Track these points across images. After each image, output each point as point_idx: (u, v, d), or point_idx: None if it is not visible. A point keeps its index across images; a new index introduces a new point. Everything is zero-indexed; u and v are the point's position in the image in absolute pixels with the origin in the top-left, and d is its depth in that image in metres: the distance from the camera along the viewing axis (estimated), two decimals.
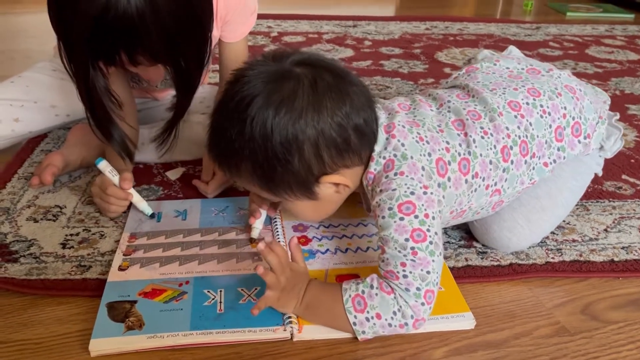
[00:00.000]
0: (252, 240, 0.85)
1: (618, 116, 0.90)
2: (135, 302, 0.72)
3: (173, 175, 1.05)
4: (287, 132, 0.64)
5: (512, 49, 1.00)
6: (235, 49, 1.06)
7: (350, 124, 0.67)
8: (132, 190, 0.89)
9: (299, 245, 0.75)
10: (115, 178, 0.87)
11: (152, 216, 0.89)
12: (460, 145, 0.74)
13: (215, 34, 1.05)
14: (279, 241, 0.84)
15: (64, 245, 0.84)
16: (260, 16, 2.27)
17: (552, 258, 0.85)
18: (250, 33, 2.05)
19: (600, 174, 0.92)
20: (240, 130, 0.65)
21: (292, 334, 0.68)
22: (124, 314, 0.69)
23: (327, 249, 0.84)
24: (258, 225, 0.84)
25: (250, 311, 0.68)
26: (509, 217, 0.83)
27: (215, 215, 0.92)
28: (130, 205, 0.93)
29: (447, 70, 1.71)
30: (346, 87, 0.68)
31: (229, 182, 0.99)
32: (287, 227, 0.89)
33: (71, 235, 0.86)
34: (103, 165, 0.87)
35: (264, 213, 0.84)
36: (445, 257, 0.84)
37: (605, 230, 0.93)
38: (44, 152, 1.12)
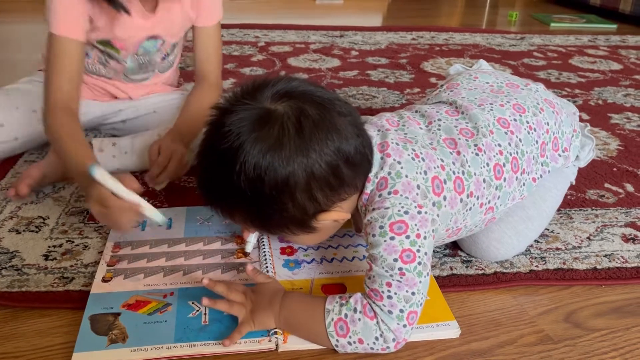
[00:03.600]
0: (246, 255, 0.84)
1: (589, 127, 0.92)
2: (118, 314, 0.71)
3: (158, 185, 1.04)
4: (277, 181, 0.62)
5: (482, 62, 1.03)
6: (208, 35, 1.10)
7: (341, 158, 0.64)
8: (139, 198, 0.74)
9: (256, 269, 0.74)
10: (119, 185, 0.72)
11: (168, 226, 0.79)
12: (453, 163, 0.73)
13: (191, 14, 1.08)
14: (264, 251, 0.84)
15: (46, 257, 0.83)
16: (248, 26, 2.30)
17: (536, 266, 0.86)
18: (238, 43, 2.07)
19: (573, 182, 0.94)
20: (229, 182, 0.63)
21: (277, 345, 0.68)
22: (107, 326, 0.69)
23: (313, 259, 0.84)
24: (252, 239, 0.84)
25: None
26: (497, 229, 0.84)
27: (201, 224, 0.92)
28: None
29: (433, 80, 1.73)
30: (333, 118, 0.64)
31: (178, 152, 0.96)
32: (273, 237, 0.89)
33: (54, 246, 0.85)
34: (100, 175, 0.70)
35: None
36: (430, 266, 0.84)
37: (588, 238, 0.94)
38: (27, 162, 1.10)
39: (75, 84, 0.94)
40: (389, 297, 0.64)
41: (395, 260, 0.65)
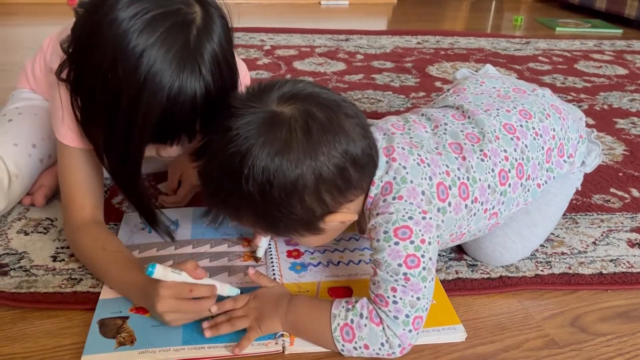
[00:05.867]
0: (257, 260, 0.84)
1: (595, 133, 0.92)
2: (127, 318, 0.71)
3: (164, 187, 1.05)
4: (285, 184, 0.62)
5: (488, 67, 1.03)
6: None
7: (349, 160, 0.64)
8: (212, 280, 0.71)
9: (259, 272, 0.74)
10: (183, 275, 0.67)
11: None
12: (459, 169, 0.73)
13: None
14: (271, 254, 0.85)
15: (54, 258, 0.83)
16: (253, 29, 2.31)
17: (542, 271, 0.86)
18: (244, 46, 2.08)
19: (579, 188, 0.93)
20: (237, 187, 0.62)
21: (283, 347, 0.68)
22: (115, 330, 0.69)
23: (319, 262, 0.85)
24: (263, 244, 0.84)
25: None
26: (501, 234, 0.84)
27: (207, 226, 0.92)
28: (122, 217, 0.94)
29: (438, 84, 1.73)
30: (340, 120, 0.64)
31: (197, 187, 0.98)
32: (280, 240, 0.89)
33: (62, 248, 0.86)
34: (162, 271, 0.65)
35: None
36: (436, 270, 0.84)
37: (594, 243, 0.94)
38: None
39: (97, 193, 0.83)
40: (395, 302, 0.65)
41: (400, 265, 0.65)
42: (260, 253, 0.84)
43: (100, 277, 0.78)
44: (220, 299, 0.70)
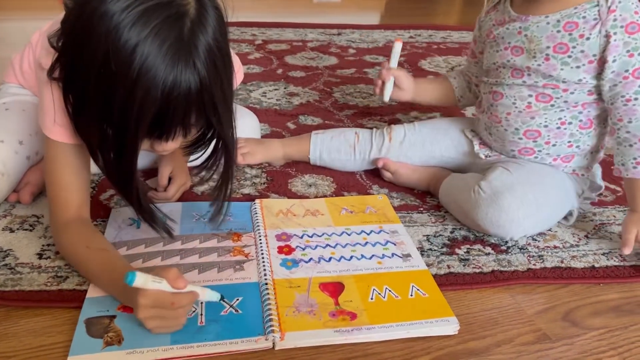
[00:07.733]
0: (383, 103, 1.04)
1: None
2: (114, 316, 0.70)
3: (154, 183, 1.03)
4: None
5: None
6: None
7: None
8: (193, 287, 0.68)
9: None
10: (163, 284, 0.65)
11: (221, 299, 0.72)
12: None
13: None
14: (262, 250, 0.84)
15: (40, 256, 0.82)
16: (245, 24, 2.29)
17: (534, 265, 0.85)
18: (235, 41, 2.06)
19: (574, 215, 0.96)
20: None
21: (273, 343, 0.68)
22: (102, 329, 0.68)
23: (311, 258, 0.84)
24: (389, 86, 1.04)
25: None
26: (521, 189, 0.87)
27: (196, 221, 0.91)
28: (110, 212, 0.92)
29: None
30: None
31: (186, 184, 0.98)
32: (271, 236, 0.88)
33: (48, 245, 0.85)
34: (142, 280, 0.63)
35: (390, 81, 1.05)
36: (428, 265, 0.84)
37: (586, 236, 0.94)
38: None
39: (83, 190, 0.81)
40: None
41: None
42: (386, 97, 1.04)
43: (85, 276, 0.77)
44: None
